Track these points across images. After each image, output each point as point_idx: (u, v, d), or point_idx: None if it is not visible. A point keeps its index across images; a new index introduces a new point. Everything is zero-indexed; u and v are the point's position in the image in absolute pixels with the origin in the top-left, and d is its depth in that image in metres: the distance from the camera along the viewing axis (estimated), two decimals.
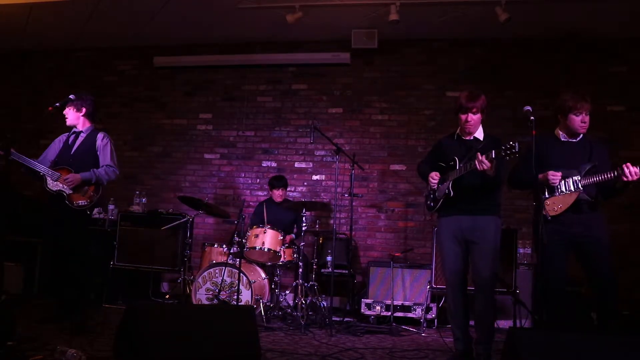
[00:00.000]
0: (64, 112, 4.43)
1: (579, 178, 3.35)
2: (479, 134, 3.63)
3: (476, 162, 3.28)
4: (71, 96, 4.35)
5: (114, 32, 6.69)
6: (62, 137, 4.55)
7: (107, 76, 7.17)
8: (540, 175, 3.38)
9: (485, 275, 3.46)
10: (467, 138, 3.63)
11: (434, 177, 3.65)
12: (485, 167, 3.26)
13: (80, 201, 4.27)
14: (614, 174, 3.22)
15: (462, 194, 3.52)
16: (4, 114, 7.24)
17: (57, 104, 4.26)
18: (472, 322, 3.57)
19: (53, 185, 4.25)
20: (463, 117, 3.57)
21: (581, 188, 3.34)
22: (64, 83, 7.03)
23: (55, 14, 6.21)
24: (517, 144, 3.11)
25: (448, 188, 3.55)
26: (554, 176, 3.38)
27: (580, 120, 3.43)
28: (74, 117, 4.44)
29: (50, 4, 5.91)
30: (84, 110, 4.43)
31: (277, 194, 5.83)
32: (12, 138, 4.08)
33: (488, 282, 3.47)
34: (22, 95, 7.33)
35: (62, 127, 6.88)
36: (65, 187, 4.24)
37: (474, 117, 3.55)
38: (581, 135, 3.51)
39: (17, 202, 6.02)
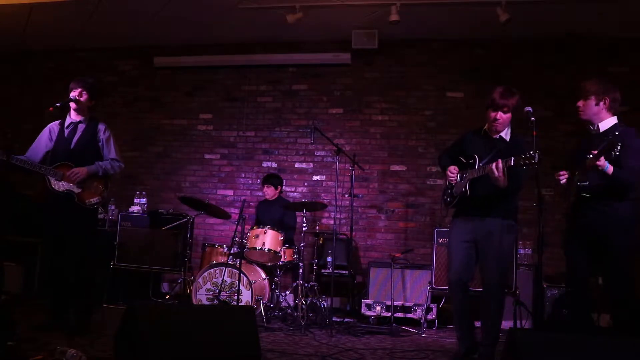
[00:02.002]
0: (75, 96, 4.09)
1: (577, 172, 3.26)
2: (506, 133, 3.54)
3: (491, 168, 3.24)
4: (71, 97, 4.20)
5: (114, 32, 6.69)
6: (54, 128, 4.17)
7: (107, 76, 7.16)
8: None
9: (494, 278, 3.43)
10: (493, 136, 3.54)
11: (452, 171, 3.59)
12: (497, 175, 3.22)
13: (92, 199, 4.02)
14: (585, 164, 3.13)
15: (478, 194, 3.46)
16: (4, 114, 7.24)
17: (58, 104, 4.06)
18: (477, 323, 3.56)
19: (58, 185, 3.97)
20: (492, 114, 3.46)
21: (578, 183, 3.24)
22: (64, 83, 6.96)
23: (55, 14, 6.21)
24: (537, 155, 3.01)
25: (465, 187, 3.50)
26: (559, 176, 3.33)
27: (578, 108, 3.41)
28: (84, 103, 4.13)
29: (50, 4, 5.91)
30: (93, 102, 4.21)
31: (266, 191, 5.84)
32: (12, 138, 4.07)
33: (496, 284, 3.44)
34: (22, 95, 7.33)
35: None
36: (73, 185, 3.97)
37: (503, 116, 3.45)
38: (607, 125, 3.38)
39: (17, 202, 6.02)
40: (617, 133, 3.13)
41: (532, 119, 3.14)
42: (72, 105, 4.14)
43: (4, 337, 3.08)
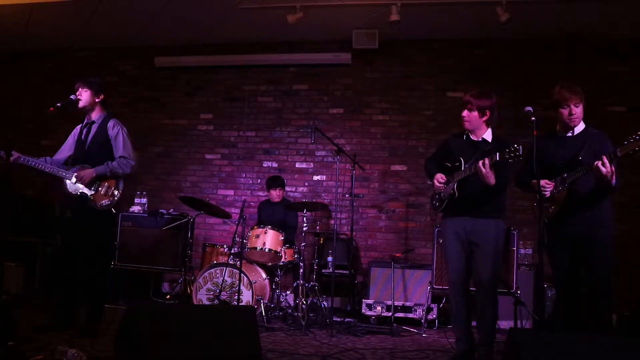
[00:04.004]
0: (78, 95, 4.10)
1: (566, 175, 3.30)
2: (488, 135, 3.59)
3: (479, 166, 3.28)
4: (72, 96, 4.12)
5: (114, 32, 6.70)
6: (76, 131, 4.24)
7: (107, 76, 7.14)
8: (533, 182, 3.35)
9: (487, 277, 3.45)
10: (475, 139, 3.60)
11: (440, 180, 3.64)
12: (485, 172, 3.26)
13: (103, 201, 4.00)
14: (585, 168, 3.16)
15: (466, 195, 3.50)
16: (4, 114, 7.24)
17: (59, 104, 4.05)
18: (474, 323, 3.56)
19: (73, 188, 3.99)
20: (462, 112, 3.56)
21: (567, 185, 3.29)
22: (64, 83, 6.99)
23: (55, 14, 6.22)
24: (520, 147, 3.09)
25: (453, 189, 3.54)
26: (546, 185, 3.34)
27: (567, 113, 3.36)
28: (89, 100, 4.11)
29: (50, 4, 5.92)
30: (101, 96, 4.17)
31: (274, 194, 5.83)
32: (12, 140, 4.07)
33: (489, 283, 3.46)
34: (22, 95, 7.34)
35: (63, 127, 6.87)
36: (85, 188, 3.97)
37: (468, 114, 3.53)
38: (580, 129, 3.41)
39: (17, 202, 6.02)
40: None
41: (533, 118, 3.13)
42: (79, 105, 4.14)
43: (5, 337, 3.08)
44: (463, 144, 3.65)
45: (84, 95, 4.13)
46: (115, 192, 4.04)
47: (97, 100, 4.17)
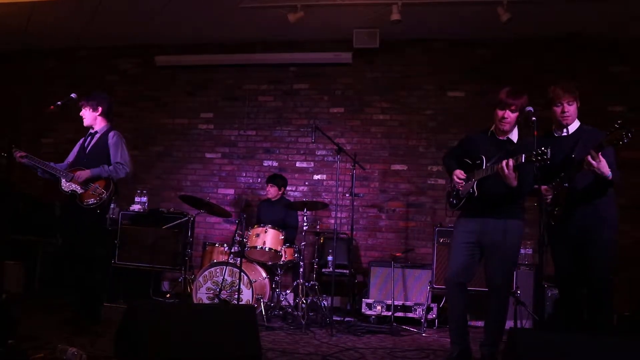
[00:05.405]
0: (81, 114, 4.37)
1: (563, 174, 3.28)
2: (514, 135, 3.47)
3: (501, 166, 3.18)
4: (72, 95, 4.32)
5: (115, 31, 6.69)
6: (81, 141, 4.51)
7: (108, 75, 7.17)
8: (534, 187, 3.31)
9: (498, 280, 3.38)
10: (501, 138, 3.47)
11: (459, 175, 3.51)
12: (507, 173, 3.16)
13: (89, 200, 4.19)
14: (577, 164, 3.15)
15: (486, 194, 3.39)
16: (4, 114, 7.24)
17: (59, 103, 4.22)
18: (479, 323, 3.53)
19: (66, 185, 4.22)
20: (500, 113, 3.39)
21: (565, 184, 3.27)
22: (64, 83, 7.03)
23: (56, 13, 6.21)
24: (548, 150, 2.96)
25: (472, 187, 3.43)
26: (545, 193, 3.32)
27: (560, 111, 3.36)
28: (90, 117, 4.38)
29: (51, 4, 5.92)
30: (100, 109, 4.38)
31: (268, 190, 5.84)
32: (11, 139, 4.16)
33: (501, 285, 3.40)
34: (22, 95, 7.34)
35: (63, 126, 6.90)
36: (78, 186, 4.18)
37: (511, 115, 3.37)
38: (574, 127, 3.39)
39: (17, 202, 6.02)
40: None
41: (533, 119, 3.11)
42: (84, 123, 4.41)
43: (5, 335, 3.08)
44: (487, 141, 3.51)
45: (85, 113, 4.39)
46: (103, 193, 4.21)
47: (97, 114, 4.40)
